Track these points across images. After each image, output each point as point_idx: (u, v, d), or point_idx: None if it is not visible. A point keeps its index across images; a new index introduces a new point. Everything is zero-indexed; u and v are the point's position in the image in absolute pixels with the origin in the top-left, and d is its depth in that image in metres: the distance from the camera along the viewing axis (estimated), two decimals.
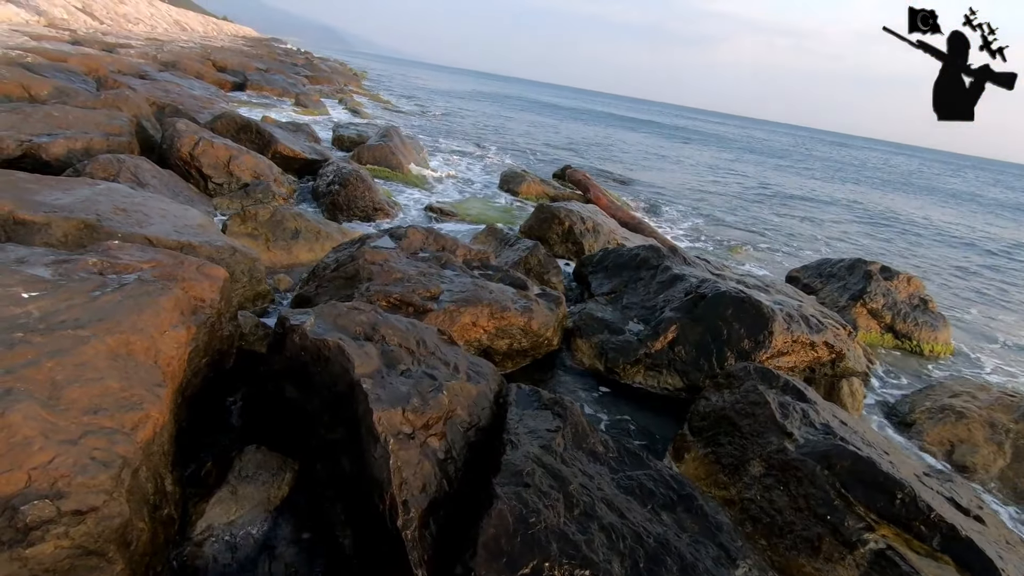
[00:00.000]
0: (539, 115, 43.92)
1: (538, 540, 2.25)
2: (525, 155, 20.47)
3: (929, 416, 4.95)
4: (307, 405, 2.98)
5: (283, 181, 8.67)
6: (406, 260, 4.96)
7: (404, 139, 13.67)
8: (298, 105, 19.64)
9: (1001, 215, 27.82)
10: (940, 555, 2.65)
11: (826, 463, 3.07)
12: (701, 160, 30.39)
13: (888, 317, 7.25)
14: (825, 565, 2.71)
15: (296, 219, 6.46)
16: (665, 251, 6.46)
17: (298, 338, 2.99)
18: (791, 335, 4.89)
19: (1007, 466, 4.42)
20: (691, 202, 16.49)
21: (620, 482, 2.81)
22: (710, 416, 3.78)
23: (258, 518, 2.86)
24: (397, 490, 2.34)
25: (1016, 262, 15.84)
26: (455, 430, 2.84)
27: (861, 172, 40.65)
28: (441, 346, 3.43)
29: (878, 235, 16.78)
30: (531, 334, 4.69)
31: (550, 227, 8.21)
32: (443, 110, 31.40)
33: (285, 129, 11.53)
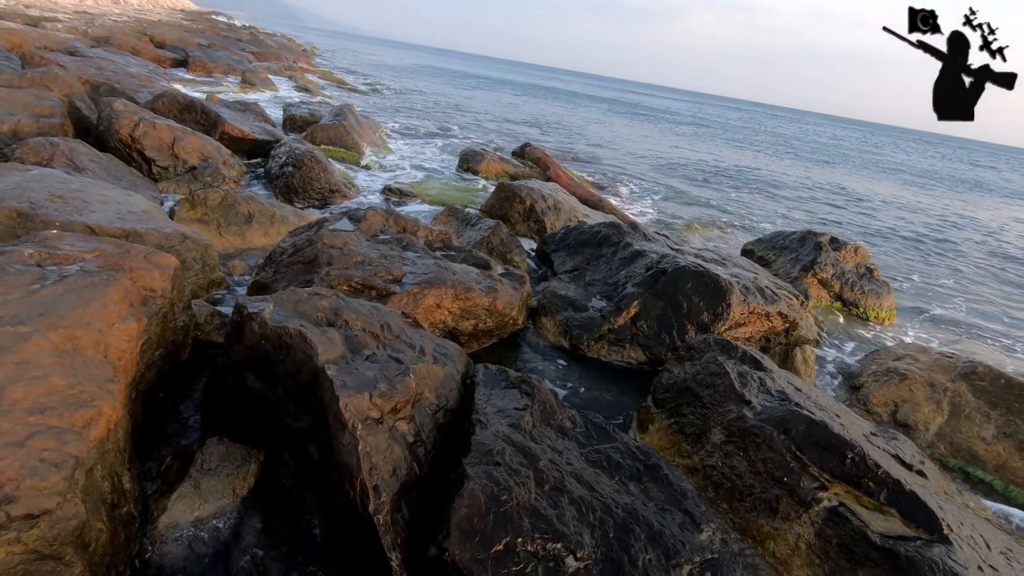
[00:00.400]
0: (496, 92, 43.40)
1: (510, 517, 2.28)
2: (483, 133, 20.24)
3: (875, 379, 5.22)
4: (270, 394, 2.92)
5: (233, 163, 8.33)
6: (366, 243, 4.87)
7: (359, 118, 13.29)
8: (245, 83, 18.80)
9: (936, 186, 29.24)
10: (887, 508, 2.82)
11: (782, 428, 3.21)
12: (659, 136, 30.71)
13: (837, 286, 7.57)
14: (783, 524, 2.85)
15: (249, 203, 6.23)
16: (626, 227, 6.54)
17: (257, 326, 2.91)
18: (748, 307, 5.05)
19: (945, 422, 4.71)
20: (650, 178, 16.69)
21: (588, 456, 2.87)
22: (673, 388, 3.88)
23: (224, 511, 2.80)
24: (367, 476, 2.32)
25: (952, 230, 16.72)
26: (423, 413, 2.83)
27: (812, 147, 41.91)
28: (406, 329, 3.40)
29: (828, 206, 17.40)
30: (496, 314, 4.69)
31: (511, 206, 8.19)
32: (398, 88, 30.65)
33: (232, 109, 11.04)
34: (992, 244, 15.61)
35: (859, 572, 2.60)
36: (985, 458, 4.42)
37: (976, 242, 15.52)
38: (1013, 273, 12.69)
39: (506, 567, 2.12)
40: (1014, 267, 13.30)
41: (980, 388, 4.83)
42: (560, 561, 2.21)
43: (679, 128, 38.97)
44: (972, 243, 15.28)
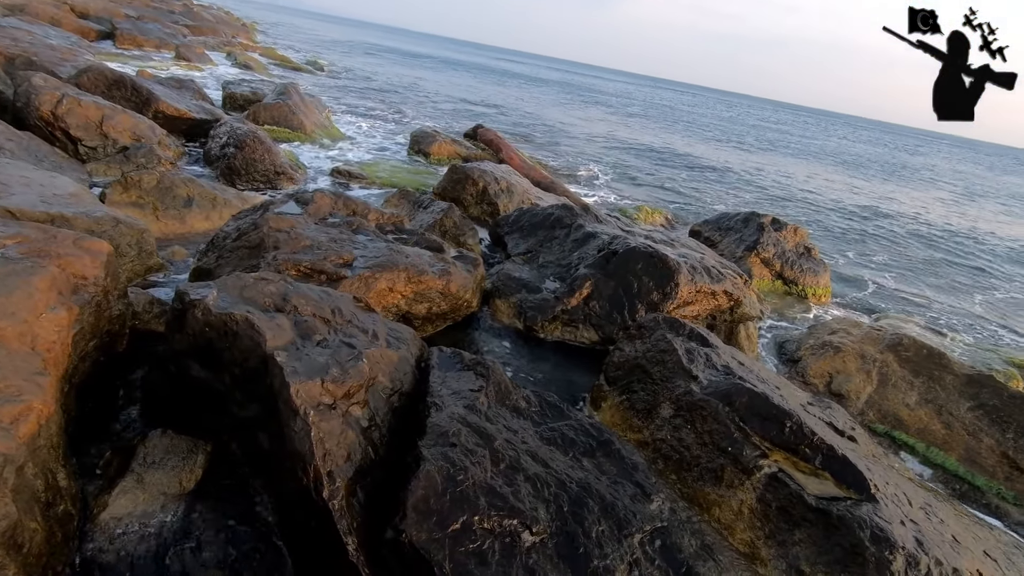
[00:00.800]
0: (446, 73, 42.65)
1: (467, 496, 2.30)
2: (434, 114, 19.91)
3: (812, 352, 5.52)
4: (216, 383, 2.82)
5: (169, 144, 7.90)
6: (315, 226, 4.74)
7: (304, 98, 12.80)
8: (179, 59, 17.76)
9: (868, 169, 30.82)
10: (821, 472, 3.01)
11: (727, 401, 3.36)
12: (611, 119, 31.00)
13: (778, 265, 7.91)
14: (727, 491, 3.00)
15: (188, 185, 5.94)
16: (578, 210, 6.61)
17: (201, 313, 2.80)
18: (695, 286, 5.21)
19: (874, 391, 5.04)
20: (602, 160, 16.87)
21: (543, 434, 2.93)
22: (624, 366, 3.99)
23: (171, 505, 2.72)
24: (320, 462, 2.29)
25: (884, 210, 17.70)
26: (378, 397, 2.81)
27: (757, 131, 43.28)
28: (358, 314, 3.34)
29: (769, 187, 18.07)
30: (450, 297, 4.67)
31: (464, 188, 8.12)
32: (345, 66, 29.66)
33: (167, 86, 10.42)
34: (917, 224, 16.63)
35: (796, 533, 2.77)
36: (909, 423, 4.76)
37: (903, 222, 16.49)
38: (936, 250, 13.58)
39: (463, 545, 2.15)
40: (937, 245, 14.23)
41: (905, 358, 5.18)
42: (516, 537, 2.26)
43: (631, 111, 39.45)
44: (900, 223, 16.23)
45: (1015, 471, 4.31)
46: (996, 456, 4.42)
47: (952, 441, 4.60)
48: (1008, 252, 15.07)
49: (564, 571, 2.21)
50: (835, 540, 2.67)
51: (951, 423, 4.67)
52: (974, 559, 2.82)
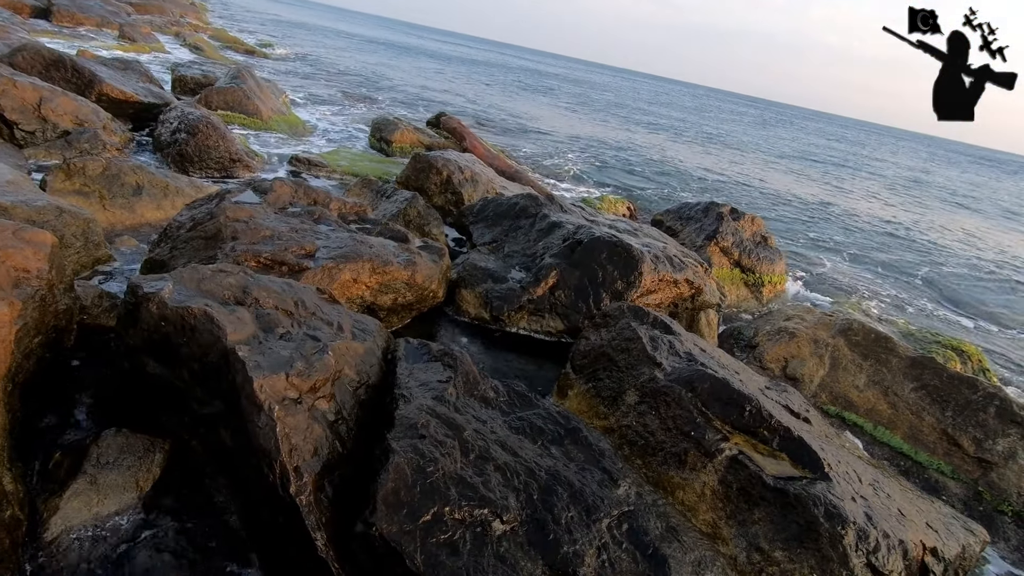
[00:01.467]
0: (407, 59, 41.90)
1: (437, 487, 2.30)
2: (396, 102, 19.56)
3: (768, 338, 5.71)
4: (175, 380, 2.73)
5: (115, 129, 7.52)
6: (274, 216, 4.60)
7: (260, 82, 12.36)
8: (124, 39, 16.85)
9: (822, 162, 31.95)
10: (778, 453, 3.13)
11: (690, 387, 3.45)
12: (575, 108, 31.09)
13: (736, 254, 8.13)
14: (691, 474, 3.09)
15: (137, 173, 5.67)
16: (543, 199, 6.63)
17: (155, 307, 2.69)
18: (658, 274, 5.31)
19: (826, 374, 5.26)
20: (566, 149, 16.93)
21: (512, 423, 2.95)
22: (590, 354, 4.04)
23: (128, 506, 2.62)
24: (287, 457, 2.25)
25: (840, 198, 18.39)
26: (344, 390, 2.77)
27: (715, 119, 44.20)
28: (322, 306, 3.28)
29: (730, 177, 18.52)
30: (416, 287, 4.63)
31: (428, 177, 8.02)
32: (302, 50, 28.76)
33: (111, 67, 9.89)
34: (864, 213, 17.36)
35: (755, 512, 2.88)
36: (858, 404, 5.00)
37: (853, 211, 17.18)
38: (883, 237, 14.22)
39: (435, 536, 2.15)
40: (884, 232, 14.90)
41: (855, 342, 5.42)
42: (487, 526, 2.27)
43: (595, 100, 39.66)
44: (849, 212, 16.90)
45: (953, 447, 4.58)
46: (937, 433, 4.69)
47: (897, 420, 4.85)
48: (944, 239, 15.90)
49: (535, 558, 2.24)
50: (792, 518, 2.78)
51: (896, 403, 4.92)
52: (918, 530, 2.99)
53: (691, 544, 2.64)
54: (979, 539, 3.33)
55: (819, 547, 2.67)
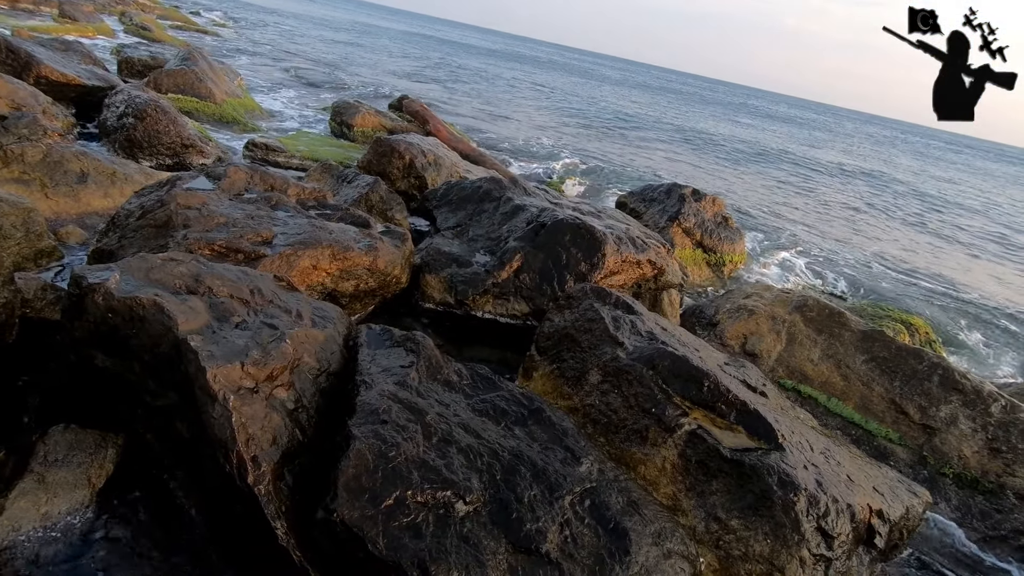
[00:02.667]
0: (370, 39, 40.90)
1: (399, 472, 2.30)
2: (357, 85, 19.12)
3: (728, 316, 5.86)
4: (125, 372, 2.65)
5: (56, 113, 7.14)
6: (229, 203, 4.47)
7: (213, 64, 11.90)
8: (64, 18, 15.97)
9: (779, 141, 32.66)
10: (736, 427, 3.23)
11: (651, 365, 3.51)
12: (540, 91, 30.93)
13: (698, 234, 8.28)
14: (652, 450, 3.16)
15: (81, 159, 5.41)
16: (507, 182, 6.60)
17: (101, 299, 2.60)
18: (621, 256, 5.37)
19: (783, 349, 5.44)
20: (532, 132, 16.86)
21: (475, 406, 2.96)
22: (554, 336, 4.07)
23: (80, 505, 2.55)
24: (244, 447, 2.21)
25: (795, 177, 18.86)
26: (304, 378, 2.73)
27: (681, 99, 44.62)
28: (280, 293, 3.21)
29: (694, 158, 18.77)
30: (378, 273, 4.57)
31: (390, 161, 7.88)
32: (261, 32, 27.77)
33: (50, 48, 9.37)
34: (826, 191, 17.86)
35: (713, 483, 2.98)
36: (813, 377, 5.18)
37: (813, 190, 17.66)
38: (839, 215, 14.68)
39: (397, 520, 2.15)
40: (841, 211, 15.38)
41: (810, 318, 5.60)
42: (450, 507, 2.29)
43: (560, 82, 39.51)
44: (809, 191, 17.37)
45: (900, 415, 4.81)
46: (885, 403, 4.90)
47: (849, 391, 5.05)
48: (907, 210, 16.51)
49: (498, 536, 2.27)
50: (747, 487, 2.89)
51: (848, 375, 5.12)
52: (865, 494, 3.14)
53: (652, 517, 2.71)
54: (922, 500, 3.51)
55: (773, 514, 2.78)
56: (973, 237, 15.82)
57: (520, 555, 2.25)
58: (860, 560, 3.03)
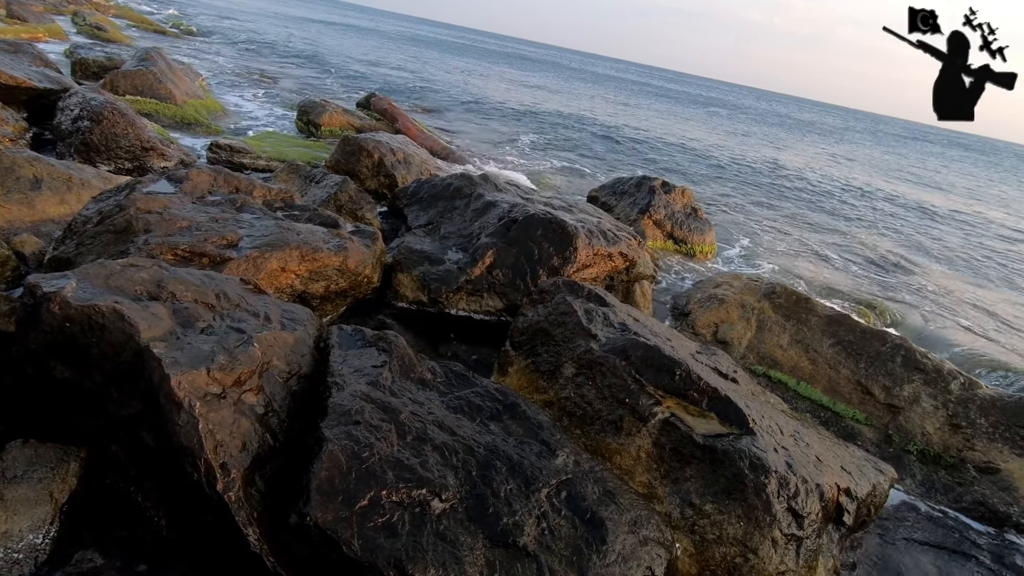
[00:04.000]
0: (335, 37, 40.28)
1: (373, 472, 2.29)
2: (324, 83, 18.83)
3: (700, 305, 5.95)
4: (86, 382, 2.56)
5: (7, 118, 6.87)
6: (192, 206, 4.36)
7: (172, 64, 11.58)
8: (12, 18, 15.34)
9: (747, 133, 33.25)
10: (707, 413, 3.28)
11: (624, 356, 3.55)
12: (510, 86, 30.88)
13: (669, 226, 8.39)
14: (626, 440, 3.20)
15: (34, 164, 5.21)
16: (477, 179, 6.58)
17: (58, 308, 2.51)
18: (592, 249, 5.41)
19: (753, 336, 5.55)
20: (501, 128, 16.83)
21: (449, 403, 2.95)
22: (528, 330, 4.08)
23: (42, 522, 2.47)
24: (212, 454, 2.17)
25: (761, 171, 19.22)
26: (274, 382, 2.69)
27: (647, 91, 45.06)
28: (247, 296, 3.15)
29: (660, 150, 18.98)
30: (348, 273, 4.52)
31: (359, 160, 7.80)
32: (221, 29, 27.10)
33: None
34: (791, 183, 18.25)
35: (687, 470, 3.02)
36: (783, 362, 5.30)
37: (777, 181, 18.02)
38: (803, 202, 15.02)
39: (372, 520, 2.14)
40: (805, 198, 15.73)
41: (778, 305, 5.73)
42: (426, 505, 2.28)
43: (530, 77, 39.51)
44: (774, 181, 17.72)
45: (866, 395, 4.95)
46: (852, 384, 5.05)
47: (818, 375, 5.19)
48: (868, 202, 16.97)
49: (475, 532, 2.27)
50: (720, 472, 2.94)
51: (816, 359, 5.26)
52: (833, 474, 3.23)
53: (627, 505, 2.74)
54: (887, 477, 3.63)
55: (745, 497, 2.84)
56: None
57: (498, 549, 2.25)
58: (830, 537, 3.12)
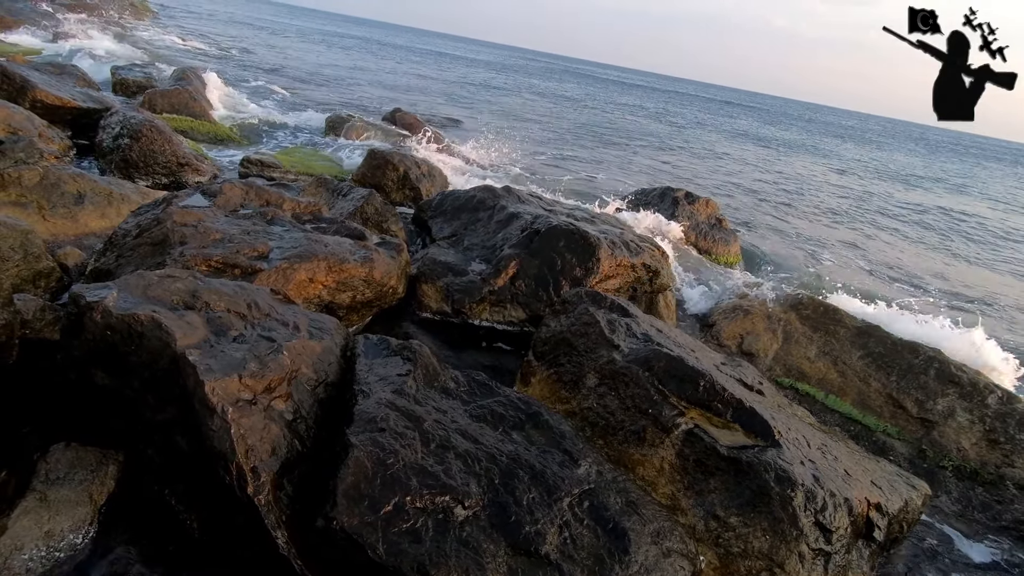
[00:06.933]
0: (362, 55, 41.18)
1: (398, 478, 2.33)
2: (350, 99, 19.25)
3: (724, 316, 5.89)
4: (125, 389, 2.67)
5: (52, 136, 7.20)
6: (225, 219, 4.51)
7: (206, 82, 12.01)
8: (58, 42, 16.08)
9: (768, 145, 32.83)
10: (732, 424, 3.25)
11: (647, 366, 3.54)
12: (529, 97, 31.13)
13: (692, 236, 8.33)
14: (649, 450, 3.18)
15: (78, 180, 5.46)
16: (500, 191, 6.66)
17: (100, 316, 2.63)
18: (615, 260, 5.41)
19: (780, 348, 5.47)
20: (522, 139, 16.96)
21: (472, 412, 2.98)
22: (551, 340, 4.10)
23: (82, 522, 2.57)
24: (243, 458, 2.24)
25: (784, 181, 18.95)
26: (302, 389, 2.76)
27: (652, 99, 44.93)
28: (276, 306, 3.25)
29: (679, 160, 18.87)
30: (374, 284, 4.61)
31: (384, 173, 7.95)
32: (253, 48, 27.97)
33: (44, 72, 9.44)
34: (814, 194, 17.96)
35: (711, 481, 3.00)
36: (810, 374, 5.21)
37: (802, 193, 17.75)
38: (828, 211, 14.75)
39: (396, 525, 2.17)
40: (832, 208, 15.44)
41: (805, 316, 5.64)
42: (450, 512, 2.31)
43: (544, 88, 39.76)
44: (799, 193, 17.45)
45: (898, 409, 4.83)
46: (883, 398, 4.93)
47: (847, 387, 5.08)
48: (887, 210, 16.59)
49: (497, 540, 2.29)
50: (745, 484, 2.91)
51: (845, 371, 5.15)
52: (863, 488, 3.16)
53: (650, 516, 2.73)
54: (921, 493, 3.53)
55: (771, 510, 2.80)
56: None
57: (520, 557, 2.27)
58: (860, 554, 3.04)
